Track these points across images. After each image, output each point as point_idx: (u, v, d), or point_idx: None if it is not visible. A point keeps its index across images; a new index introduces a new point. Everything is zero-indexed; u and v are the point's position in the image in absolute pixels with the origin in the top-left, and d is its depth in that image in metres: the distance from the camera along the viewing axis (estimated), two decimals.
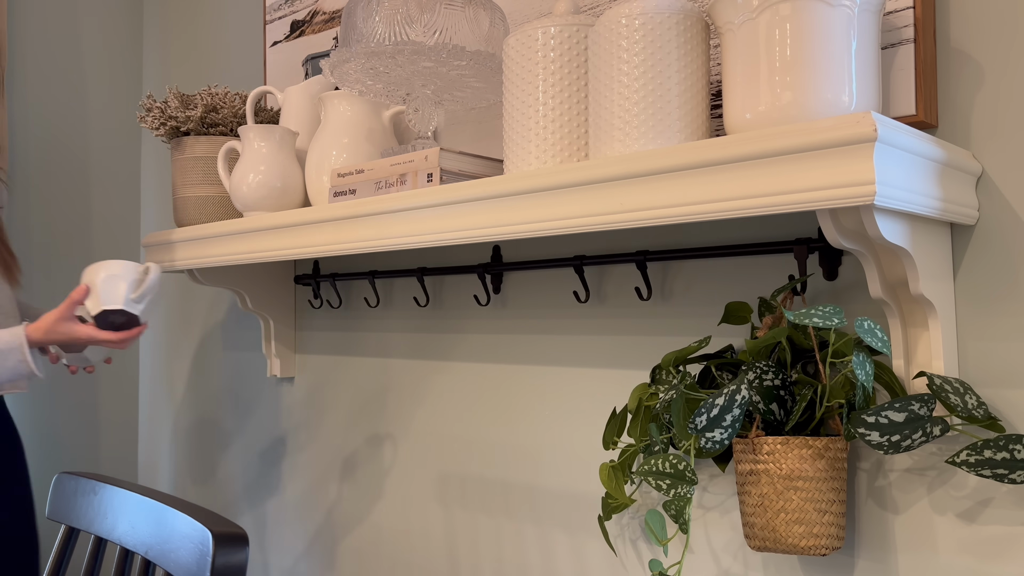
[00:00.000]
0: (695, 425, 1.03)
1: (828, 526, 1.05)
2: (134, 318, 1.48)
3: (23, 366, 1.47)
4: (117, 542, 1.00)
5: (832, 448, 1.06)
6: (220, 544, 0.85)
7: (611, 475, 1.24)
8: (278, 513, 2.03)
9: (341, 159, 1.49)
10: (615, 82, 1.08)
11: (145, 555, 0.95)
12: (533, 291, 1.52)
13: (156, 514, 0.94)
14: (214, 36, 2.31)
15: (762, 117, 0.98)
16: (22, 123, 2.32)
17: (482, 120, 1.57)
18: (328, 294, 1.88)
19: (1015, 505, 1.04)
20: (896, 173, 0.90)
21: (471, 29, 1.34)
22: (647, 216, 1.02)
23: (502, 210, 1.16)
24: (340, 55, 1.33)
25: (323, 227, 1.41)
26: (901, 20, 1.07)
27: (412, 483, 1.72)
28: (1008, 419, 1.05)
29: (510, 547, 1.55)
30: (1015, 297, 1.05)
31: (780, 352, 1.13)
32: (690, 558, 1.31)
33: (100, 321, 1.46)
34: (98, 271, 1.47)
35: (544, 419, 1.50)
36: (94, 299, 1.46)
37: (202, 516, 0.89)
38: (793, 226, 1.20)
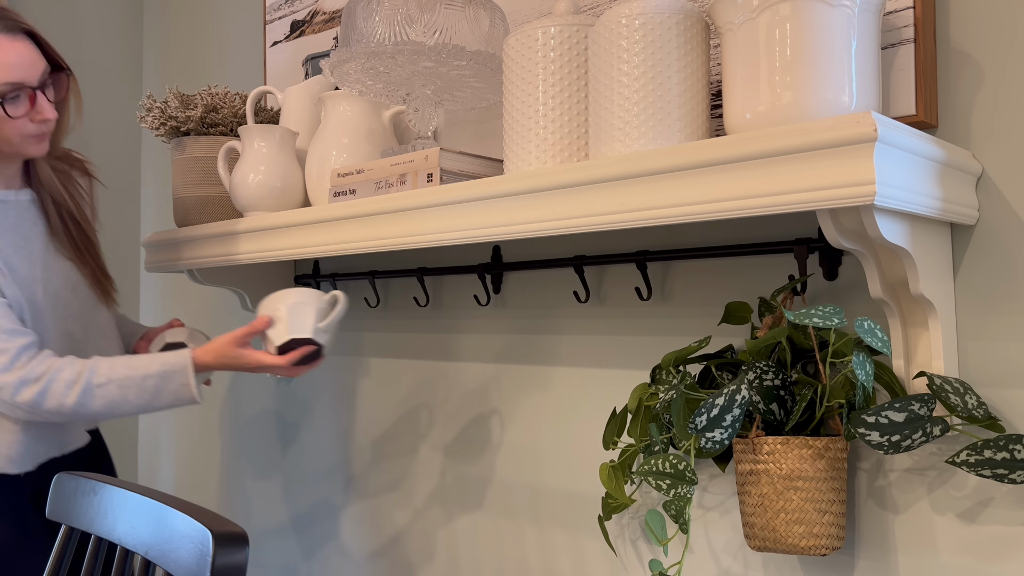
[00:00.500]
0: (695, 425, 1.03)
1: (828, 526, 1.05)
2: (319, 348, 1.40)
3: (185, 391, 1.37)
4: (117, 542, 1.00)
5: (832, 448, 1.06)
6: (220, 544, 0.85)
7: (611, 475, 1.24)
8: (278, 512, 2.03)
9: (341, 159, 1.49)
10: (615, 82, 1.08)
11: (145, 555, 0.95)
12: (533, 291, 1.52)
13: (156, 514, 0.94)
14: (214, 36, 2.31)
15: (762, 117, 0.98)
16: None
17: (482, 120, 1.57)
18: None
19: (1015, 505, 1.04)
20: (896, 173, 0.90)
21: (471, 29, 1.34)
22: (647, 216, 1.02)
23: (502, 210, 1.16)
24: (340, 55, 1.33)
25: (323, 227, 1.41)
26: (901, 20, 1.07)
27: (411, 482, 1.72)
28: (1008, 419, 1.05)
29: (510, 547, 1.55)
30: (1015, 297, 1.05)
31: (780, 352, 1.13)
32: (690, 558, 1.31)
33: (283, 350, 1.37)
34: (284, 299, 1.40)
35: (544, 419, 1.50)
36: (281, 327, 1.38)
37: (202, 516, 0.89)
38: (793, 226, 1.20)
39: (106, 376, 1.34)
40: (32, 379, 1.31)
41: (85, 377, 1.33)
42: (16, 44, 1.33)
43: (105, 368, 1.35)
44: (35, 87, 1.36)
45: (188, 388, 1.37)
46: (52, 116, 1.38)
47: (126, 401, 1.35)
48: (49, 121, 1.39)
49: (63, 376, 1.32)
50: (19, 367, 1.31)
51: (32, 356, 1.33)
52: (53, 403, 1.31)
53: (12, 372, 1.30)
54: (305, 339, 1.37)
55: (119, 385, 1.34)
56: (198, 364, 1.38)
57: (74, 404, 1.32)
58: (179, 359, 1.37)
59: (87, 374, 1.33)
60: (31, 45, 1.35)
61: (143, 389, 1.35)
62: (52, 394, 1.31)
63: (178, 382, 1.36)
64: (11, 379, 1.30)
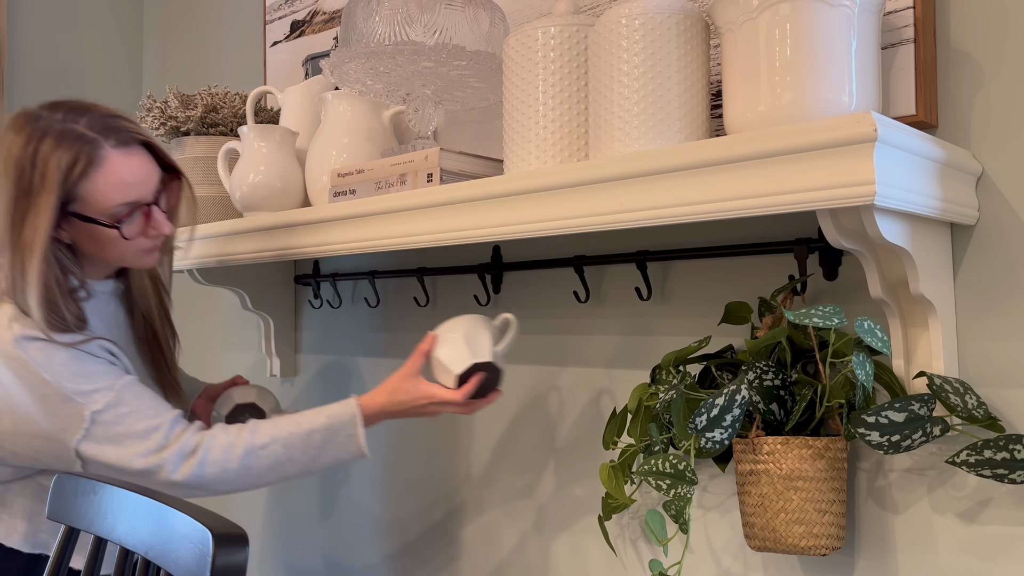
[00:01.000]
0: (695, 425, 1.03)
1: (828, 526, 1.05)
2: (497, 375, 1.24)
3: (352, 443, 1.24)
4: (117, 542, 1.00)
5: (832, 448, 1.06)
6: (220, 544, 0.84)
7: (611, 475, 1.24)
8: (277, 512, 2.03)
9: (341, 159, 1.49)
10: (615, 82, 1.08)
11: (145, 555, 0.95)
12: (533, 291, 1.52)
13: (156, 514, 0.94)
14: (214, 36, 2.31)
15: (762, 117, 0.98)
16: None
17: (482, 120, 1.57)
18: (328, 294, 1.88)
19: (1015, 505, 1.04)
20: (896, 173, 0.90)
21: (471, 29, 1.34)
22: (647, 216, 1.02)
23: (502, 210, 1.16)
24: (340, 55, 1.33)
25: (323, 227, 1.41)
26: (901, 20, 1.07)
27: (410, 482, 1.72)
28: (1008, 419, 1.05)
29: (510, 547, 1.55)
30: (1015, 297, 1.05)
31: (780, 352, 1.13)
32: (690, 558, 1.31)
33: (462, 380, 1.22)
34: (454, 327, 1.26)
35: (544, 419, 1.50)
36: (459, 353, 1.23)
37: (202, 516, 0.89)
38: (793, 226, 1.20)
39: (269, 435, 1.23)
40: (188, 451, 1.21)
41: (246, 438, 1.22)
42: (132, 159, 1.24)
43: (267, 427, 1.24)
44: (151, 203, 1.27)
45: (356, 440, 1.24)
46: (168, 231, 1.29)
47: (292, 460, 1.23)
48: (165, 236, 1.31)
49: (219, 442, 1.22)
50: (174, 440, 1.21)
51: (184, 428, 1.23)
52: (214, 472, 1.21)
53: (168, 448, 1.20)
54: (484, 363, 1.22)
55: (283, 444, 1.23)
56: (367, 412, 1.25)
57: (238, 468, 1.21)
58: (345, 408, 1.25)
59: (247, 435, 1.23)
60: (146, 156, 1.26)
61: (309, 444, 1.23)
62: (211, 463, 1.21)
63: (345, 433, 1.24)
64: (169, 455, 1.20)
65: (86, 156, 1.20)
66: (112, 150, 1.22)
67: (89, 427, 1.18)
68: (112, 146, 1.22)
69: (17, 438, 1.21)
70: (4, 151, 1.21)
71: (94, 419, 1.19)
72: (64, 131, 1.20)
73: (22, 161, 1.19)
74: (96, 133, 1.22)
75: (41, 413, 1.19)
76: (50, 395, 1.18)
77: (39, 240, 1.19)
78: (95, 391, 1.20)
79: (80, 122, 1.22)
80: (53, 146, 1.19)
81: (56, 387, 1.18)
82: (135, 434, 1.20)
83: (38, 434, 1.20)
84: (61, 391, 1.18)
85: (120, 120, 1.25)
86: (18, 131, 1.21)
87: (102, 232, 1.24)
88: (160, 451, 1.20)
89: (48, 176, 1.19)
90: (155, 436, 1.20)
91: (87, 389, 1.19)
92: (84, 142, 1.21)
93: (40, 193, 1.19)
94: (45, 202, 1.18)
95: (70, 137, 1.20)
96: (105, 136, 1.22)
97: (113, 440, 1.19)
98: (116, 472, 1.20)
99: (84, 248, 1.27)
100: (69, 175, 1.19)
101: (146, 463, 1.19)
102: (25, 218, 1.19)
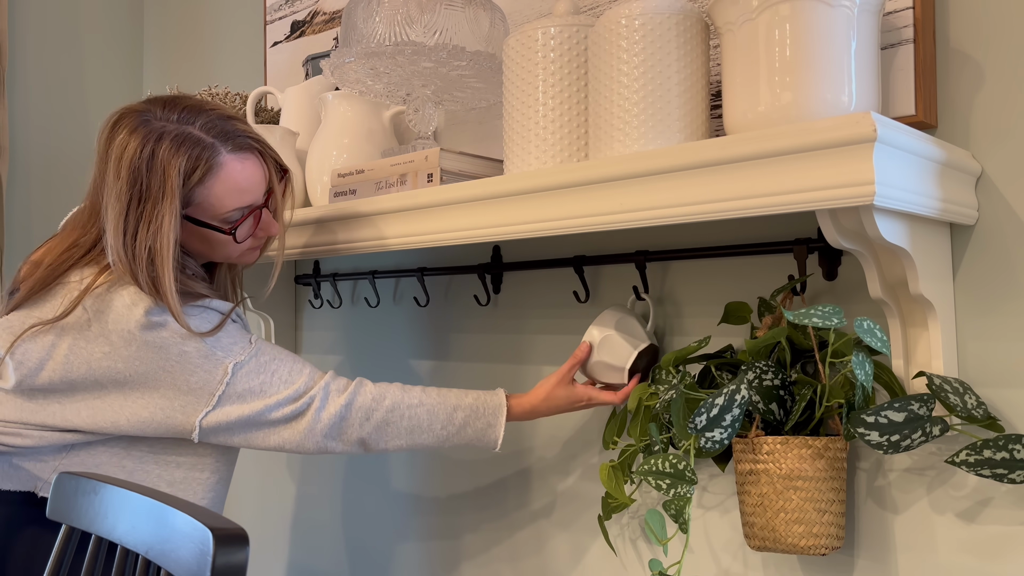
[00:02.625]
0: (695, 425, 1.03)
1: (828, 526, 1.05)
2: (656, 353, 1.28)
3: (490, 433, 1.26)
4: (117, 542, 1.00)
5: (832, 448, 1.06)
6: (220, 543, 0.84)
7: (611, 475, 1.24)
8: (275, 510, 2.03)
9: (341, 159, 1.49)
10: (615, 82, 1.08)
11: (146, 555, 0.95)
12: (533, 291, 1.53)
13: (156, 514, 0.94)
14: (214, 36, 2.31)
15: (762, 117, 0.98)
16: (22, 124, 2.32)
17: (482, 120, 1.57)
18: (328, 294, 1.88)
19: (1015, 505, 1.04)
20: (896, 173, 0.90)
21: (471, 29, 1.34)
22: (647, 216, 1.02)
23: (502, 210, 1.16)
24: (340, 55, 1.33)
25: (323, 227, 1.41)
26: (901, 20, 1.07)
27: (409, 481, 1.72)
28: (1008, 419, 1.05)
29: (510, 547, 1.55)
30: (1014, 297, 1.05)
31: (780, 352, 1.13)
32: (690, 558, 1.31)
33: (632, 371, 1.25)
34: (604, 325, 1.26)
35: (543, 419, 1.50)
36: (621, 348, 1.24)
37: (202, 515, 0.89)
38: (793, 226, 1.20)
39: (418, 399, 1.25)
40: (340, 389, 1.23)
41: (396, 394, 1.24)
42: (247, 164, 1.22)
43: (417, 391, 1.26)
44: (261, 206, 1.27)
45: (494, 430, 1.26)
46: (275, 232, 1.30)
47: (431, 429, 1.25)
48: (272, 236, 1.31)
49: (368, 389, 1.24)
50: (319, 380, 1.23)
51: (328, 374, 1.25)
52: (358, 417, 1.22)
53: (316, 387, 1.22)
54: (646, 347, 1.25)
55: (429, 411, 1.25)
56: (514, 410, 1.27)
57: (381, 419, 1.23)
58: (495, 398, 1.27)
59: (398, 391, 1.24)
60: (258, 160, 1.25)
61: (451, 420, 1.25)
62: (357, 407, 1.22)
63: (486, 422, 1.26)
64: (318, 391, 1.22)
65: (205, 162, 1.19)
66: (228, 155, 1.21)
67: (231, 380, 1.19)
68: (229, 151, 1.21)
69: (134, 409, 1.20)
70: (115, 152, 1.18)
71: (235, 371, 1.20)
72: (181, 134, 1.18)
73: (137, 163, 1.16)
74: (213, 138, 1.20)
75: (173, 376, 1.18)
76: (189, 352, 1.18)
77: (168, 247, 1.16)
78: (234, 344, 1.21)
79: (196, 125, 1.20)
80: (171, 151, 1.17)
81: (196, 345, 1.18)
82: (280, 379, 1.22)
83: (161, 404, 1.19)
84: (202, 347, 1.18)
85: (235, 123, 1.23)
86: (131, 131, 1.18)
87: (214, 236, 1.24)
88: (307, 392, 1.22)
89: (169, 182, 1.16)
90: (300, 379, 1.22)
91: (225, 345, 1.20)
92: (202, 147, 1.19)
93: (161, 199, 1.16)
94: (168, 209, 1.16)
95: (189, 142, 1.18)
96: (223, 141, 1.20)
97: (255, 392, 1.20)
98: (252, 427, 1.21)
99: (191, 246, 1.26)
100: (188, 181, 1.18)
101: (294, 406, 1.21)
102: (147, 224, 1.17)
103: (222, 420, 1.20)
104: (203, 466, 1.28)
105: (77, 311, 1.19)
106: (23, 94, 2.33)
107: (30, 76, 2.35)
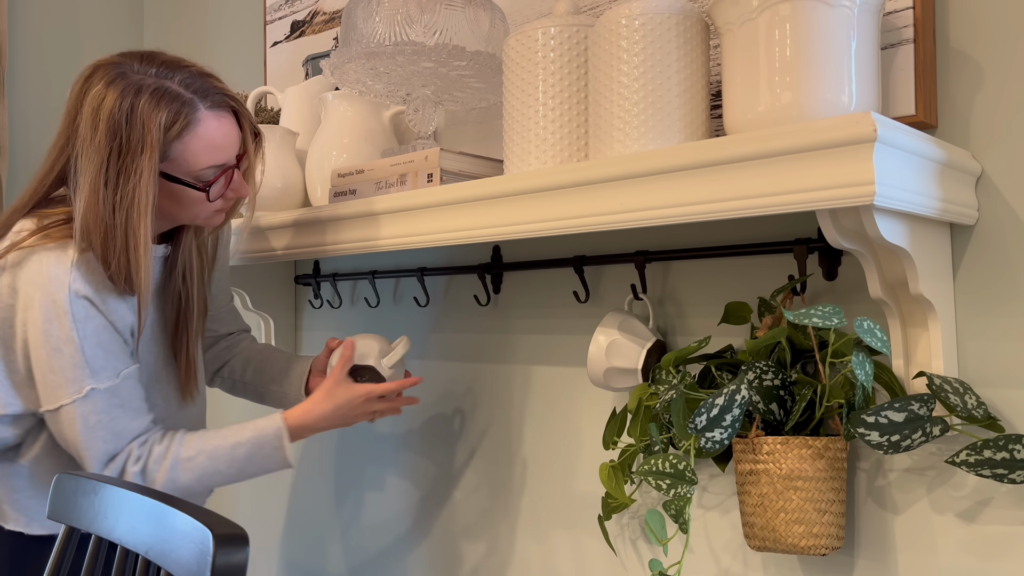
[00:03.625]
0: (695, 425, 1.03)
1: (828, 526, 1.05)
2: (663, 346, 1.31)
3: (278, 455, 1.28)
4: (117, 542, 1.00)
5: (832, 448, 1.06)
6: (220, 544, 0.84)
7: (611, 475, 1.24)
8: (273, 510, 2.03)
9: (341, 159, 1.49)
10: (615, 82, 1.08)
11: (145, 555, 0.95)
12: (533, 291, 1.53)
13: (156, 514, 0.94)
14: (214, 36, 2.31)
15: (762, 117, 0.98)
16: (22, 124, 2.32)
17: (482, 120, 1.57)
18: (328, 294, 1.88)
19: (1015, 505, 1.04)
20: (896, 173, 0.90)
21: (471, 29, 1.34)
22: (647, 216, 1.02)
23: (502, 210, 1.16)
24: (340, 55, 1.33)
25: (323, 227, 1.41)
26: (901, 20, 1.07)
27: (409, 481, 1.72)
28: (1008, 419, 1.05)
29: (509, 546, 1.55)
30: (1014, 297, 1.05)
31: (780, 352, 1.13)
32: (690, 558, 1.31)
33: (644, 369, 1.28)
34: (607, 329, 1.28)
35: (544, 419, 1.50)
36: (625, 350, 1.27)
37: (202, 516, 0.89)
38: (793, 226, 1.20)
39: (195, 448, 1.26)
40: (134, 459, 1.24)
41: (174, 451, 1.25)
42: (222, 122, 1.22)
43: (195, 440, 1.27)
44: (234, 166, 1.26)
45: (281, 451, 1.28)
46: (246, 193, 1.29)
47: (217, 472, 1.26)
48: (241, 198, 1.30)
49: (154, 454, 1.25)
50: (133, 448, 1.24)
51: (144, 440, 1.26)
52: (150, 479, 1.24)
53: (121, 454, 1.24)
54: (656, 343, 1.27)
55: (209, 456, 1.26)
56: (293, 425, 1.29)
57: (164, 480, 1.24)
58: (272, 423, 1.29)
59: (176, 447, 1.25)
60: (234, 119, 1.25)
61: (234, 458, 1.27)
62: (148, 472, 1.24)
63: (271, 447, 1.28)
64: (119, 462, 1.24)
65: (184, 117, 1.18)
66: (206, 112, 1.20)
67: (80, 400, 1.19)
68: (207, 108, 1.20)
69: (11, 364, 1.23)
70: (90, 103, 1.18)
71: (89, 396, 1.20)
72: (161, 88, 1.18)
73: (116, 116, 1.16)
74: (192, 93, 1.20)
75: (45, 362, 1.19)
76: (66, 353, 1.18)
77: (147, 201, 1.16)
78: (104, 369, 1.21)
79: (175, 80, 1.19)
80: (151, 104, 1.16)
81: (78, 349, 1.18)
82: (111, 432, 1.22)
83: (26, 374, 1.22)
84: (79, 355, 1.19)
85: (213, 81, 1.24)
86: (108, 84, 1.17)
87: (186, 193, 1.23)
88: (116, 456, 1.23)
89: (148, 135, 1.16)
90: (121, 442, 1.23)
91: (100, 366, 1.20)
92: (182, 103, 1.18)
93: (140, 153, 1.16)
94: (147, 162, 1.16)
95: (168, 96, 1.17)
96: (201, 97, 1.20)
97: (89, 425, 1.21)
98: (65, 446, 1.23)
99: (160, 206, 1.24)
100: (167, 135, 1.17)
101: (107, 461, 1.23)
102: (126, 177, 1.16)
103: (53, 423, 1.22)
104: None
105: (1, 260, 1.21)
106: (23, 94, 2.33)
107: (30, 76, 2.35)
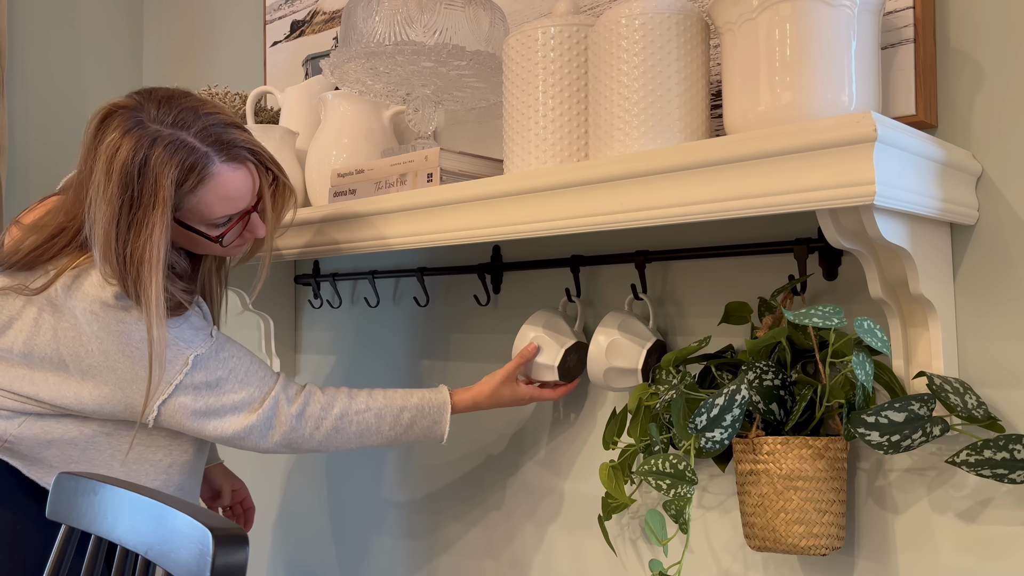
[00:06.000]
0: (695, 425, 1.03)
1: (828, 526, 1.05)
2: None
3: (436, 429, 1.32)
4: (117, 542, 1.00)
5: (832, 448, 1.06)
6: (220, 543, 0.84)
7: (611, 475, 1.24)
8: (270, 509, 2.03)
9: (341, 159, 1.49)
10: (615, 82, 1.08)
11: (145, 555, 0.95)
12: (533, 291, 1.52)
13: (156, 514, 0.94)
14: (214, 36, 2.31)
15: (762, 117, 0.98)
16: (22, 124, 2.32)
17: (482, 120, 1.57)
18: (328, 294, 1.88)
19: (1015, 505, 1.04)
20: (896, 173, 0.90)
21: (471, 29, 1.34)
22: (647, 216, 1.02)
23: (502, 210, 1.16)
24: (340, 55, 1.33)
25: (323, 227, 1.41)
26: (901, 20, 1.07)
27: (407, 481, 1.72)
28: (1008, 419, 1.05)
29: (510, 546, 1.55)
30: (1015, 297, 1.05)
31: (780, 352, 1.13)
32: (690, 558, 1.31)
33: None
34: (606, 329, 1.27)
35: (543, 419, 1.50)
36: (625, 350, 1.26)
37: (202, 516, 0.89)
38: (793, 226, 1.20)
39: (365, 404, 1.29)
40: (291, 396, 1.26)
41: (343, 401, 1.28)
42: (237, 174, 1.21)
43: (363, 396, 1.31)
44: (250, 210, 1.26)
45: (440, 427, 1.32)
46: (262, 234, 1.29)
47: (379, 431, 1.30)
48: (259, 238, 1.31)
49: (318, 398, 1.28)
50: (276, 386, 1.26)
51: (284, 378, 1.29)
52: (308, 426, 1.26)
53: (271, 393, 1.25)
54: (656, 343, 1.28)
55: (376, 415, 1.29)
56: (458, 406, 1.33)
57: (330, 428, 1.27)
58: (439, 396, 1.33)
59: (345, 398, 1.29)
60: (253, 168, 1.24)
61: (398, 421, 1.30)
62: (308, 417, 1.26)
63: (432, 419, 1.32)
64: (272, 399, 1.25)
65: (197, 173, 1.18)
66: (221, 165, 1.19)
67: (189, 371, 1.21)
68: (222, 161, 1.20)
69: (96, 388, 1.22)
70: (105, 152, 1.17)
71: (195, 363, 1.21)
72: (175, 141, 1.17)
73: (129, 168, 1.15)
74: (207, 146, 1.18)
75: (133, 360, 1.19)
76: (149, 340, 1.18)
77: (159, 255, 1.16)
78: (195, 335, 1.22)
79: (191, 131, 1.18)
80: (164, 158, 1.16)
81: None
82: (236, 378, 1.24)
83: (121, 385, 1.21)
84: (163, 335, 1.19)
85: (231, 131, 1.22)
86: (123, 133, 1.17)
87: (200, 238, 1.24)
88: (261, 400, 1.24)
89: (161, 191, 1.16)
90: (254, 382, 1.25)
91: (188, 335, 1.22)
92: (196, 156, 1.17)
93: (152, 208, 1.16)
94: (160, 217, 1.16)
95: (183, 150, 1.17)
96: (217, 150, 1.19)
97: (212, 386, 1.23)
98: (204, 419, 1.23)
99: (176, 241, 1.26)
100: (179, 190, 1.18)
101: (247, 411, 1.23)
102: (138, 230, 1.16)
103: (177, 409, 1.22)
104: (157, 447, 1.29)
105: (51, 289, 1.20)
106: (23, 94, 2.33)
107: (30, 76, 2.35)
